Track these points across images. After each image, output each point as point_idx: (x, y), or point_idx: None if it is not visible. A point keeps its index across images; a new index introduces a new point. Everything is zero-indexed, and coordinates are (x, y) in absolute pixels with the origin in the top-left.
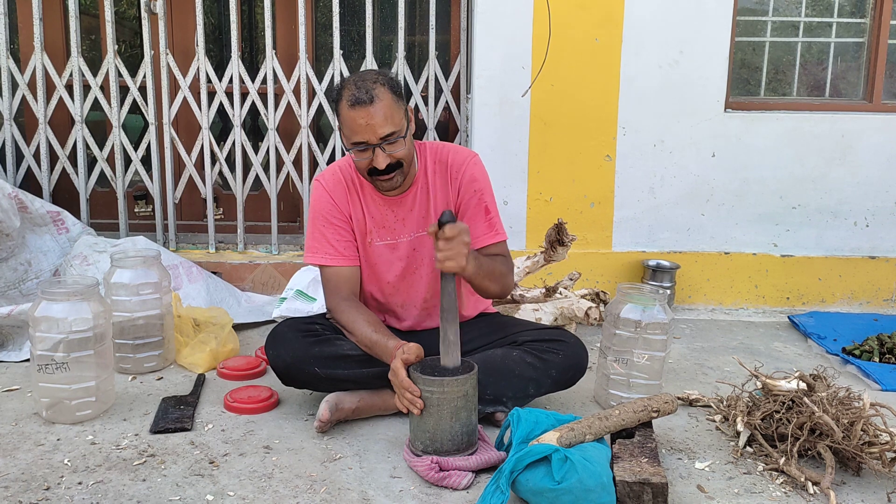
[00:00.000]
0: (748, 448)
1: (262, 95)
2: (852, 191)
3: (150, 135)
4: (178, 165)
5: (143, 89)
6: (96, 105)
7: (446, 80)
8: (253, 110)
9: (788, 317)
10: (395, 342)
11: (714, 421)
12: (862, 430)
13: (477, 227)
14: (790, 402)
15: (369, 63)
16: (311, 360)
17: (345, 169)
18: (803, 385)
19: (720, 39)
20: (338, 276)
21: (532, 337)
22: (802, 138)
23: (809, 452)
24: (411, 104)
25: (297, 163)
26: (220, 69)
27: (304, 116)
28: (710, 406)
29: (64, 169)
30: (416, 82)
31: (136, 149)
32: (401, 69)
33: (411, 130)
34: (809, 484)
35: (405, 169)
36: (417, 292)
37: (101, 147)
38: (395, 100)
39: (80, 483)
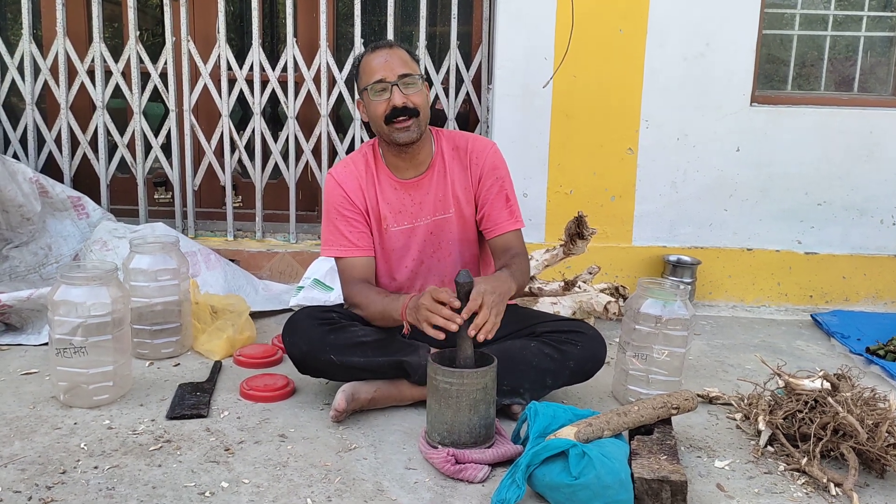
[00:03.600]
0: (769, 447)
1: (283, 83)
2: (879, 188)
3: (171, 122)
4: (198, 153)
5: (164, 76)
6: (117, 92)
7: (467, 70)
8: (273, 98)
9: (811, 315)
10: (406, 296)
11: (734, 419)
12: (887, 431)
13: (499, 214)
14: (813, 402)
15: None
16: (327, 347)
17: (357, 159)
18: (827, 384)
19: (747, 32)
20: (353, 267)
21: (550, 328)
22: (829, 134)
23: (832, 453)
24: (431, 94)
25: (316, 152)
26: (240, 57)
27: (324, 105)
28: (730, 404)
29: (85, 154)
30: (437, 73)
31: (156, 136)
32: (422, 59)
33: (427, 94)
34: (832, 485)
35: (421, 121)
36: (435, 276)
37: (121, 133)
38: (411, 57)
39: (96, 467)
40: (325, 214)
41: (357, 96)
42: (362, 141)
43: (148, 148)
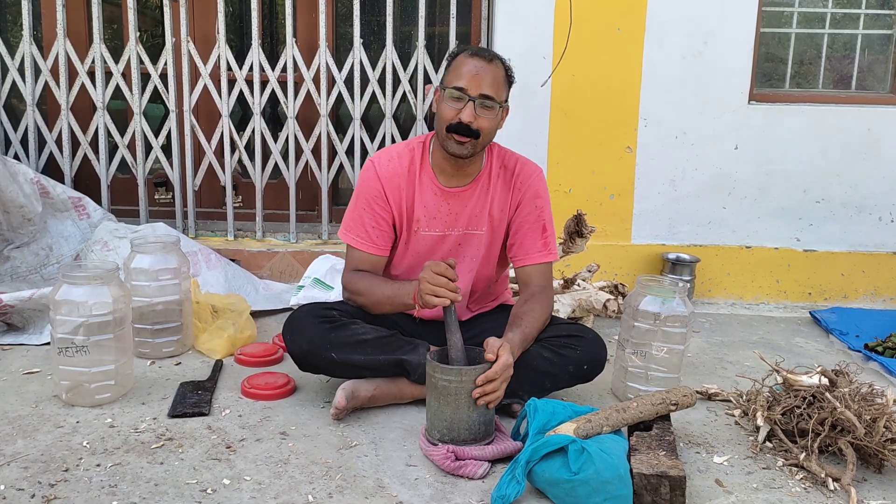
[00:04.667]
0: (768, 443)
1: (282, 84)
2: (877, 185)
3: (171, 122)
4: (198, 153)
5: (164, 77)
6: (118, 93)
7: None
8: (272, 98)
9: (810, 312)
10: (415, 281)
11: (733, 415)
12: (885, 426)
13: (533, 243)
14: (811, 398)
15: (389, 53)
16: (328, 345)
17: (403, 154)
18: (825, 380)
19: (745, 30)
20: (362, 260)
21: (550, 333)
22: (827, 132)
23: (830, 448)
24: (430, 93)
25: (315, 151)
26: (240, 57)
27: (324, 105)
28: (729, 400)
29: (85, 155)
30: (437, 72)
31: (156, 136)
32: (420, 59)
33: (502, 118)
34: (830, 480)
35: (479, 144)
36: None
37: (122, 134)
38: (505, 79)
39: (98, 465)
40: (355, 199)
41: (437, 84)
42: (362, 141)
43: (148, 148)
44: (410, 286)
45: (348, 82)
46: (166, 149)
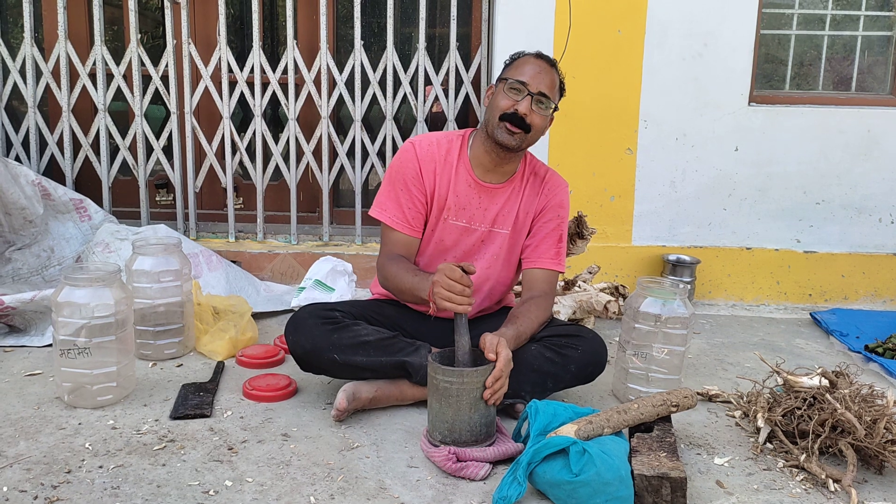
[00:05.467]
0: (768, 444)
1: (283, 85)
2: (878, 187)
3: (172, 124)
4: (199, 155)
5: (165, 78)
6: (119, 95)
7: (467, 71)
8: (273, 100)
9: (810, 313)
10: (432, 275)
11: (734, 417)
12: (885, 428)
13: (547, 249)
14: (812, 399)
15: (390, 54)
16: (330, 347)
17: (442, 142)
18: (825, 382)
19: (745, 32)
20: (396, 242)
21: (550, 332)
22: (827, 133)
23: (831, 450)
24: (431, 95)
25: (316, 153)
26: (241, 59)
27: (325, 107)
28: (729, 402)
29: (87, 157)
30: (437, 73)
31: (157, 138)
32: (421, 61)
33: (547, 123)
34: (830, 481)
35: (527, 140)
36: None
37: (123, 136)
38: (560, 87)
39: (100, 467)
40: (390, 179)
41: (492, 82)
42: (363, 143)
43: (149, 150)
44: (427, 283)
45: (349, 84)
46: (167, 150)
